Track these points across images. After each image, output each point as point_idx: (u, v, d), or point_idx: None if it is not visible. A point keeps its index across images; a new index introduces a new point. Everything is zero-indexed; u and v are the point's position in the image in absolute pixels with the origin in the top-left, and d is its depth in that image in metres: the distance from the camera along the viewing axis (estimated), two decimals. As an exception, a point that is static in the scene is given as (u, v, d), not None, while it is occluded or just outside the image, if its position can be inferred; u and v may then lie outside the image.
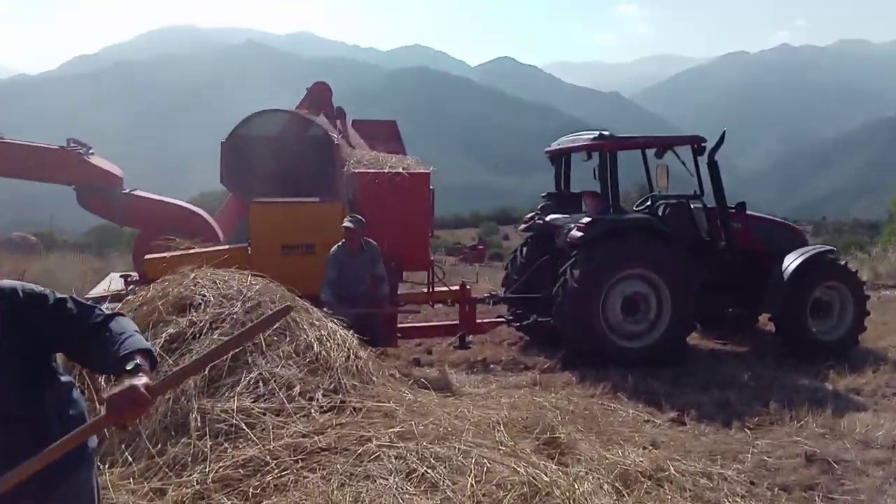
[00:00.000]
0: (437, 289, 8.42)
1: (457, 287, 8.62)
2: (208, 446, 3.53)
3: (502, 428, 4.49)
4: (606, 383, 7.29)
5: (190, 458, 3.51)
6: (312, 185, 7.45)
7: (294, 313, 4.80)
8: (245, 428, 3.62)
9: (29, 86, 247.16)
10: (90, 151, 8.14)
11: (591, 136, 8.54)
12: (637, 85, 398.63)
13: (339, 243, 6.72)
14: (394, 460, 3.50)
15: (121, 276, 7.68)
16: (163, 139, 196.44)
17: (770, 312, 8.80)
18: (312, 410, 3.93)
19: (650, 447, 5.18)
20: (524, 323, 8.86)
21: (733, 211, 8.78)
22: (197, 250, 7.40)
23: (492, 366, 8.28)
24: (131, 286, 7.26)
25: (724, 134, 8.58)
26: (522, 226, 9.70)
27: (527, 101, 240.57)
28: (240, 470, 3.41)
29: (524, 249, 9.49)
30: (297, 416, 3.85)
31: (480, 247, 35.05)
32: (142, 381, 1.98)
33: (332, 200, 7.20)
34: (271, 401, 3.92)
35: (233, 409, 3.74)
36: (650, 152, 9.28)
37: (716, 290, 8.61)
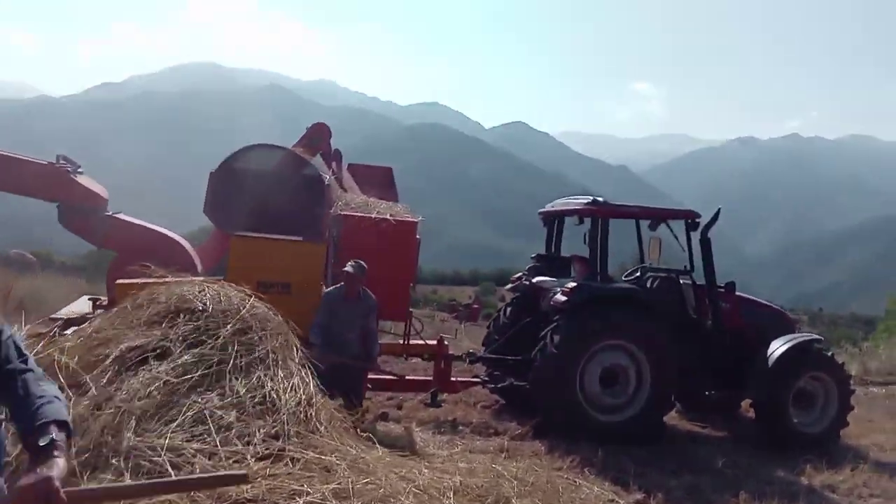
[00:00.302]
0: (413, 342, 8.21)
1: (434, 342, 8.41)
2: (127, 485, 3.31)
3: (451, 495, 4.25)
4: (576, 456, 7.01)
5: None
6: (298, 225, 7.33)
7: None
8: (169, 469, 3.40)
9: (52, 107, 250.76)
10: (79, 170, 8.07)
11: (585, 201, 8.46)
12: (646, 161, 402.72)
13: (337, 286, 6.55)
14: (322, 519, 3.28)
15: (89, 299, 7.51)
16: (180, 170, 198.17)
17: (752, 398, 8.58)
18: (248, 456, 3.72)
19: (609, 529, 4.94)
20: (499, 385, 8.63)
21: (722, 290, 8.63)
22: (170, 279, 7.24)
23: (461, 427, 8.02)
24: (99, 310, 7.09)
25: (718, 211, 8.51)
26: (509, 285, 9.56)
27: (537, 166, 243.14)
28: (156, 515, 3.18)
29: (508, 310, 9.32)
30: (230, 460, 3.64)
31: (475, 306, 34.78)
32: (56, 470, 1.86)
33: (316, 241, 7.07)
34: (206, 441, 3.71)
35: (162, 447, 3.54)
36: (644, 224, 9.19)
37: (698, 369, 8.41)
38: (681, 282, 8.78)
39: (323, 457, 3.89)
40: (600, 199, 8.44)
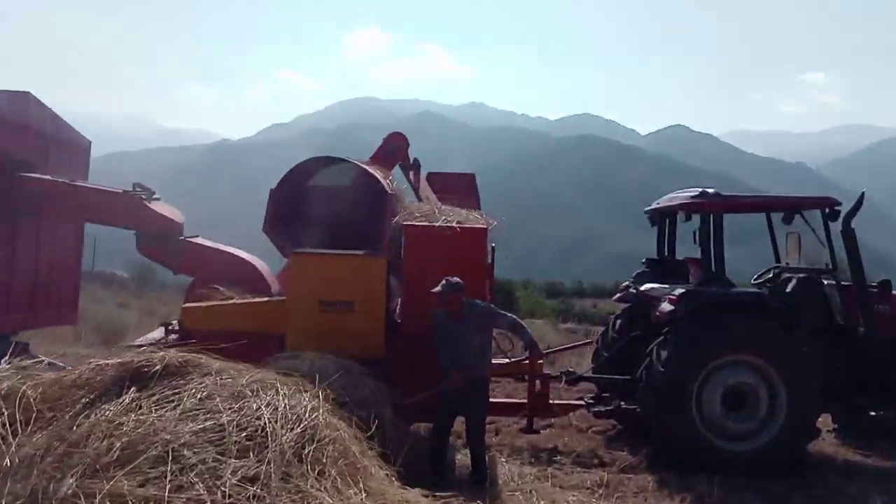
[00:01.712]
0: (500, 360, 7.37)
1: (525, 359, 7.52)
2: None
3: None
4: (688, 494, 5.91)
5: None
6: (359, 239, 6.82)
7: None
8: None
9: (232, 150, 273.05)
10: (154, 196, 8.15)
11: (692, 194, 7.30)
12: (825, 156, 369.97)
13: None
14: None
15: (161, 325, 7.46)
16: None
17: (925, 420, 6.97)
18: (208, 503, 3.14)
19: None
20: (606, 409, 7.59)
21: (875, 289, 7.10)
22: (235, 301, 7.00)
23: (559, 457, 7.08)
24: (172, 336, 6.96)
25: (862, 196, 7.08)
26: (617, 295, 8.48)
27: (702, 169, 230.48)
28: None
29: (617, 322, 8.26)
30: (183, 509, 3.08)
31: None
32: None
33: (377, 255, 6.52)
34: (160, 486, 3.18)
35: (101, 492, 3.04)
36: (777, 218, 7.84)
37: (852, 386, 6.95)
38: (823, 283, 7.34)
39: (298, 506, 3.23)
40: (711, 189, 7.24)
